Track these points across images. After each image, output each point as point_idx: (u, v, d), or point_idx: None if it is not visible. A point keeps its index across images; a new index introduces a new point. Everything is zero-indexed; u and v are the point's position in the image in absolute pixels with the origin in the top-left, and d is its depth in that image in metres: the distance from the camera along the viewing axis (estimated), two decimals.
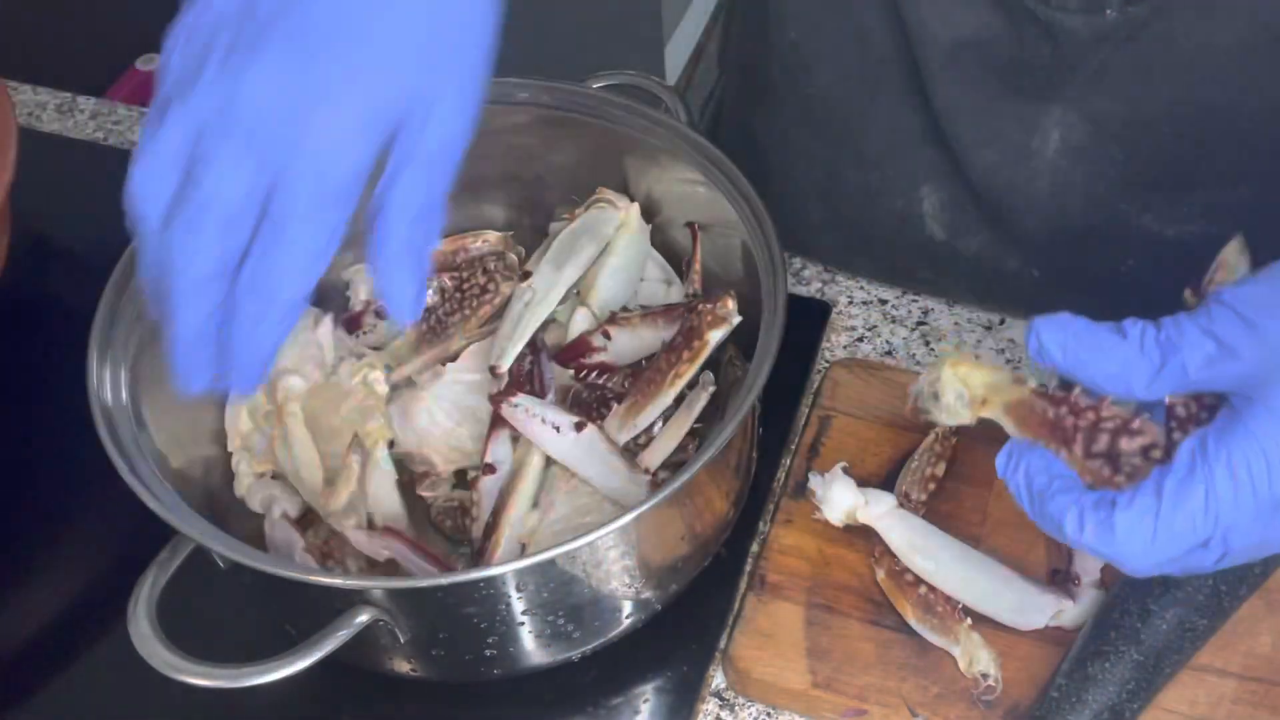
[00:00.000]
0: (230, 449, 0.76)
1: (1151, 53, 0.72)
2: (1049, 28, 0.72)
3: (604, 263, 0.78)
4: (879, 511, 0.71)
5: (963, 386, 0.58)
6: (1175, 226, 0.78)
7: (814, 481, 0.72)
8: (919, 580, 0.70)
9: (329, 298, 0.83)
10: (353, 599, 0.60)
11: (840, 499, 0.71)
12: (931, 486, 0.74)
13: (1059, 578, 0.71)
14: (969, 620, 0.69)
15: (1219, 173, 0.76)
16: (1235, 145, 0.75)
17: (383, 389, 0.76)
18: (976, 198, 0.81)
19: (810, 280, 0.90)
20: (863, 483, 0.75)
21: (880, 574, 0.71)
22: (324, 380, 0.77)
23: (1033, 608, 0.69)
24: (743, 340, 0.71)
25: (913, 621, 0.69)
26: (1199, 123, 0.74)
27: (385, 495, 0.72)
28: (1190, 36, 0.71)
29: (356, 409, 0.74)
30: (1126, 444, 0.53)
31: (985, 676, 0.67)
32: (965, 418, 0.58)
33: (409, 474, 0.76)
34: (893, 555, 0.71)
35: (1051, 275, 0.83)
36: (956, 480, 0.75)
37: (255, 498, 0.73)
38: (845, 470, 0.72)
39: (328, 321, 0.79)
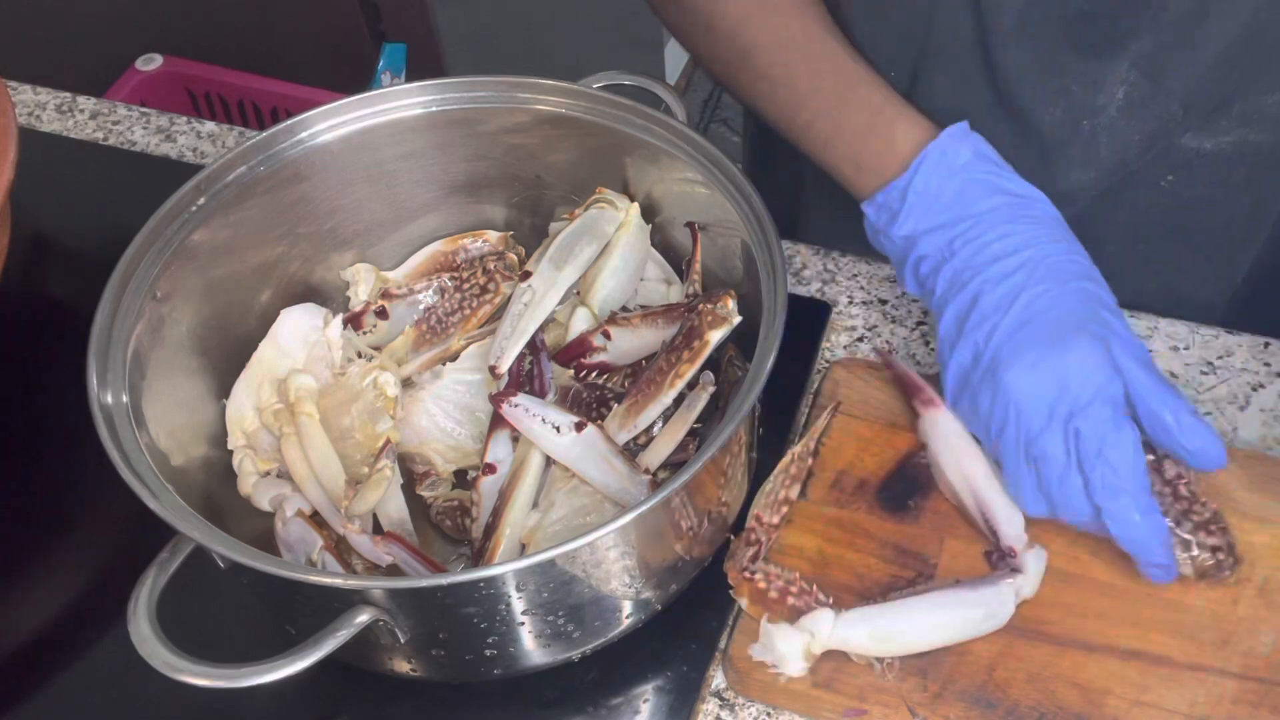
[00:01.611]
0: (231, 447, 0.76)
1: None
2: None
3: (604, 263, 0.78)
4: (828, 632, 0.67)
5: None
6: (1213, 140, 0.80)
7: (758, 653, 0.68)
8: (783, 595, 0.69)
9: (330, 297, 0.83)
10: (353, 599, 0.60)
11: (790, 649, 0.67)
12: (785, 510, 0.73)
13: (995, 559, 0.71)
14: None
15: (1260, 86, 0.78)
16: (1275, 62, 0.76)
17: (394, 391, 0.76)
18: (1033, 163, 0.81)
19: (810, 280, 0.90)
20: (863, 482, 0.76)
21: (744, 602, 0.70)
22: (333, 380, 0.77)
23: (997, 602, 0.68)
24: (743, 340, 0.71)
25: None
26: (1247, 51, 0.75)
27: (391, 500, 0.72)
28: None
29: (365, 410, 0.74)
30: None
31: (880, 659, 0.67)
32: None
33: (409, 474, 0.76)
34: (751, 579, 0.69)
35: (1088, 216, 0.84)
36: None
37: (264, 496, 0.73)
38: (769, 620, 0.68)
39: (337, 322, 0.79)
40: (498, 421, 0.72)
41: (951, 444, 0.74)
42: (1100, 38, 0.76)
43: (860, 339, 0.86)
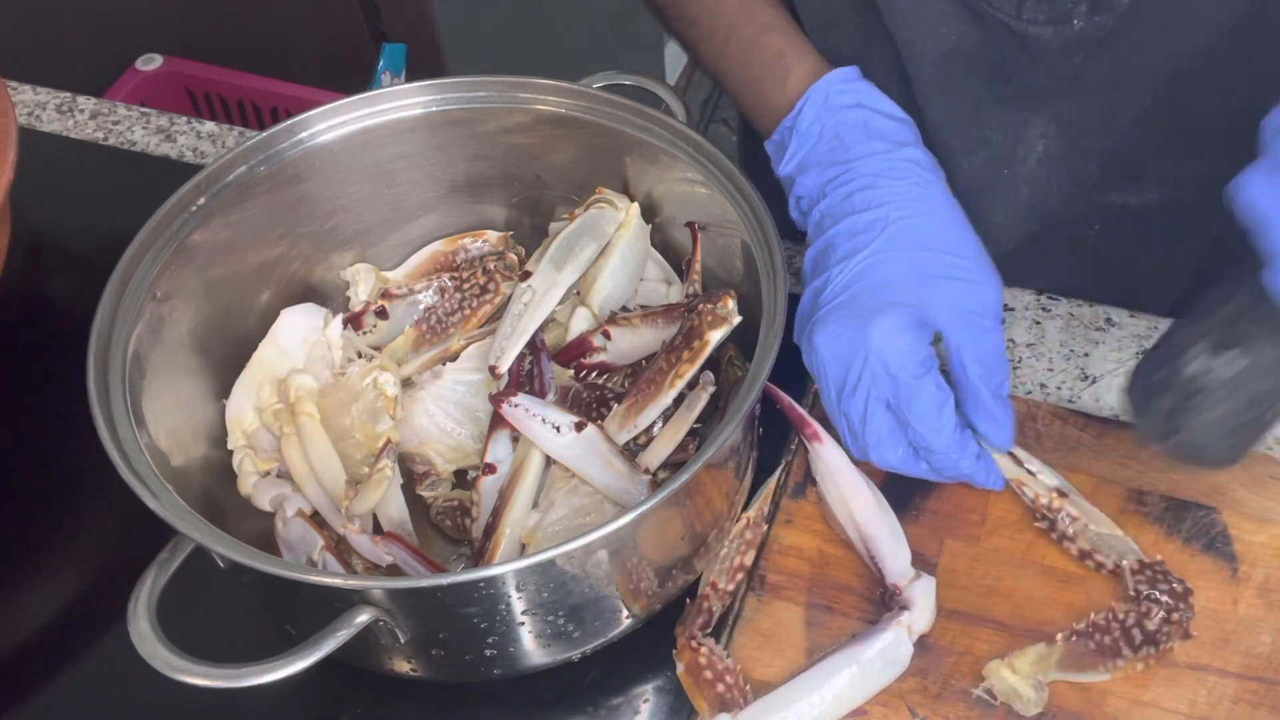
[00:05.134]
0: (231, 447, 0.76)
1: (1121, 59, 0.75)
2: (1022, 39, 0.75)
3: (604, 263, 0.78)
4: None
5: (1026, 676, 0.67)
6: (1138, 197, 0.83)
7: None
8: (716, 679, 0.67)
9: (330, 297, 0.83)
10: (353, 599, 0.60)
11: None
12: (740, 576, 0.72)
13: (885, 598, 0.70)
14: None
15: (1179, 152, 0.80)
16: (1196, 132, 0.79)
17: (393, 391, 0.76)
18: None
19: None
20: None
21: (680, 668, 0.69)
22: (333, 380, 0.77)
23: (892, 647, 0.67)
24: (743, 340, 0.71)
25: None
26: (1165, 119, 0.78)
27: (391, 500, 0.72)
28: (1155, 42, 0.74)
29: (365, 410, 0.74)
30: (1148, 623, 0.67)
31: None
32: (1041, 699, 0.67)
33: (409, 474, 0.76)
34: (696, 650, 0.68)
35: (1016, 256, 0.86)
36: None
37: (264, 496, 0.73)
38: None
39: (337, 322, 0.79)
40: (498, 421, 0.72)
41: (837, 480, 0.72)
42: (1018, 92, 0.78)
43: None
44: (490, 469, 0.72)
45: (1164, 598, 0.68)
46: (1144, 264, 0.87)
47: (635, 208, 0.79)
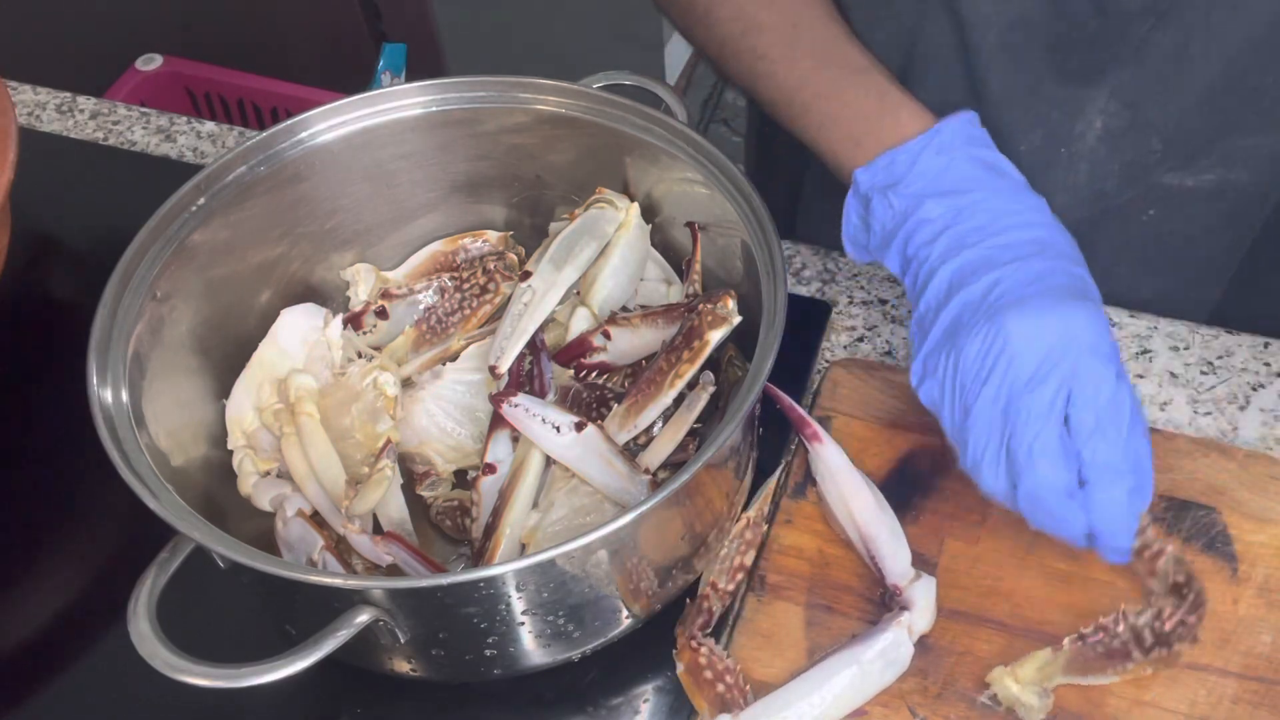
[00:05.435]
0: (231, 447, 0.76)
1: (1189, 28, 0.74)
2: (1099, 2, 0.74)
3: (604, 263, 0.78)
4: None
5: (1029, 684, 0.67)
6: (1194, 177, 0.82)
7: None
8: (716, 679, 0.67)
9: (330, 297, 0.83)
10: (353, 599, 0.60)
11: None
12: (740, 576, 0.72)
13: (885, 598, 0.70)
14: None
15: (1239, 128, 0.79)
16: (1256, 106, 0.78)
17: (394, 391, 0.76)
18: None
19: (810, 280, 0.90)
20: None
21: (680, 668, 0.69)
22: (333, 380, 0.77)
23: (892, 648, 0.67)
24: (743, 340, 0.71)
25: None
26: (1227, 92, 0.76)
27: (391, 500, 0.72)
28: (1225, 10, 0.73)
29: (365, 410, 0.74)
30: (1167, 625, 0.66)
31: None
32: (1046, 705, 0.67)
33: (409, 474, 0.76)
34: (696, 650, 0.68)
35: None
36: (956, 481, 0.75)
37: (264, 496, 0.73)
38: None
39: (337, 322, 0.79)
40: (498, 421, 0.72)
41: (837, 480, 0.72)
42: (1081, 65, 0.77)
43: (860, 339, 0.86)
44: (490, 469, 0.72)
45: (1190, 594, 0.66)
46: (1194, 254, 0.86)
47: (635, 208, 0.79)
